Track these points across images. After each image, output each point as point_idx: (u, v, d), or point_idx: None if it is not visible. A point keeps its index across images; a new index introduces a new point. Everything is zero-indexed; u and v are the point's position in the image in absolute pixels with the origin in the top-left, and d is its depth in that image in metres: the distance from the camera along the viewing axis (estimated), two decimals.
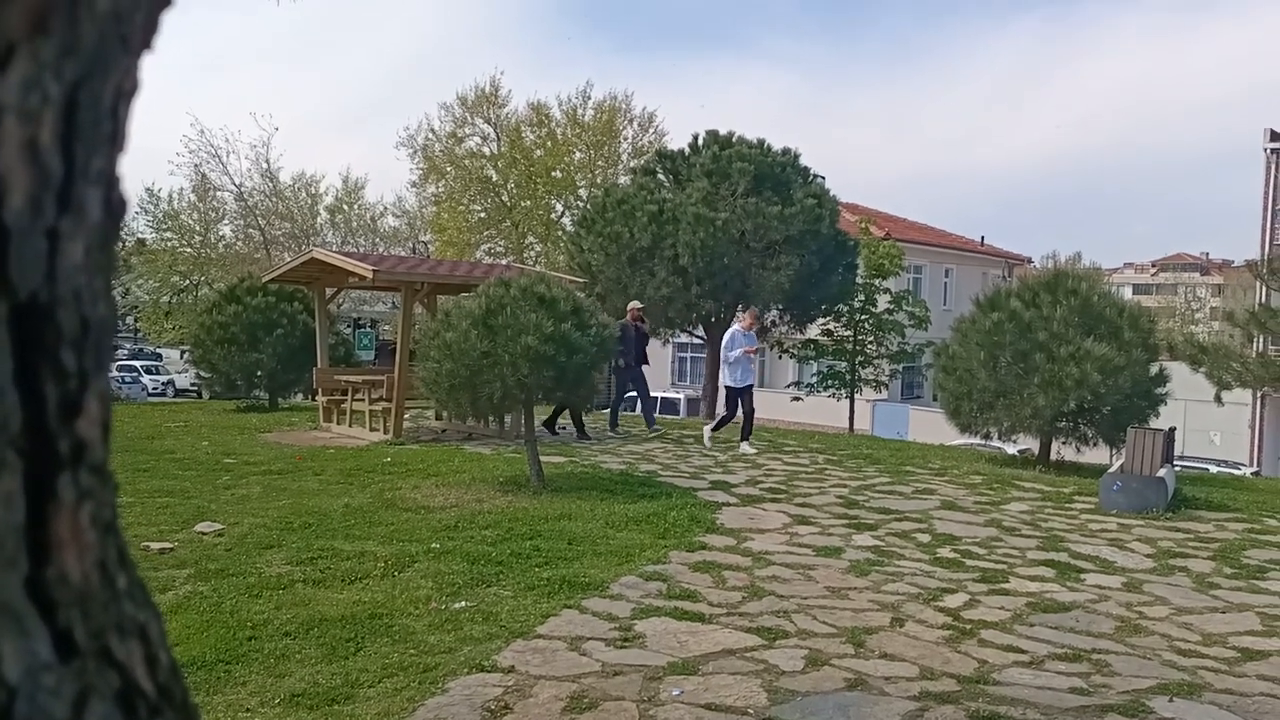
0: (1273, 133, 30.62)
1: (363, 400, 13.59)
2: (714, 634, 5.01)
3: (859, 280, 24.55)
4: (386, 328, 40.38)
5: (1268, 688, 4.56)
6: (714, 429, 12.87)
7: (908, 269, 32.29)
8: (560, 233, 44.21)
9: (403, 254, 38.71)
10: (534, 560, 6.28)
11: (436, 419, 14.34)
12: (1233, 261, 75.54)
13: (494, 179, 47.16)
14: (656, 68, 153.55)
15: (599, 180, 44.01)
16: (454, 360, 8.58)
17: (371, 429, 13.25)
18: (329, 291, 15.32)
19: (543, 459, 9.48)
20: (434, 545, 6.62)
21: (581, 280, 18.42)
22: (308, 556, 6.29)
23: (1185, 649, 5.10)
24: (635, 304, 14.64)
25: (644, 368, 14.49)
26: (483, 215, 47.35)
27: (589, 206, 26.67)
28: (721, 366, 12.89)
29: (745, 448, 12.21)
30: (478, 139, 47.49)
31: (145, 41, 0.69)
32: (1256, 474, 24.04)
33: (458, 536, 6.91)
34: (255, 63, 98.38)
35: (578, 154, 46.91)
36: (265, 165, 42.06)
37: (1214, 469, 19.72)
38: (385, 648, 4.67)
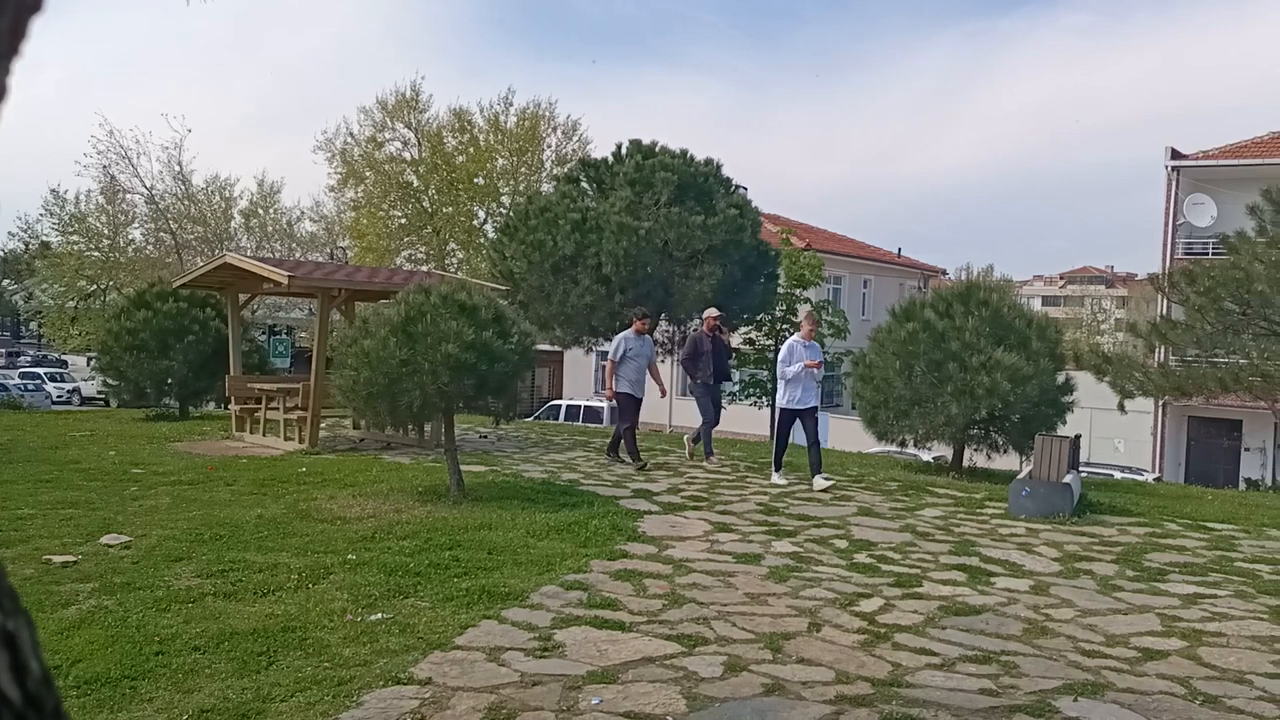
0: (1174, 152, 31.87)
1: (277, 409, 13.30)
2: (634, 642, 5.02)
3: (780, 290, 24.85)
4: (303, 334, 39.62)
5: (1167, 686, 4.73)
6: (777, 463, 10.89)
7: (828, 279, 32.86)
8: (482, 240, 43.93)
9: (320, 260, 37.97)
10: (453, 571, 6.21)
11: (354, 428, 14.11)
12: (1136, 275, 78.48)
13: (415, 184, 46.63)
14: (580, 76, 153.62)
15: (522, 187, 43.86)
16: (372, 368, 8.46)
17: (286, 438, 12.98)
18: (243, 297, 15.00)
19: (463, 468, 9.40)
20: (350, 556, 6.50)
21: (503, 288, 18.34)
22: (218, 569, 6.13)
23: (1089, 650, 5.27)
24: (712, 311, 12.83)
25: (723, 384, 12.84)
26: (403, 221, 46.77)
27: (511, 214, 26.51)
28: (778, 385, 10.98)
29: (820, 482, 10.27)
30: (398, 144, 46.87)
31: (13, 47, 0.68)
32: (1158, 480, 24.95)
33: (375, 547, 6.81)
34: (166, 64, 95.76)
35: (500, 161, 46.66)
36: (177, 168, 40.94)
37: (1118, 475, 20.43)
38: (298, 661, 4.57)
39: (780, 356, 10.94)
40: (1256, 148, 31.18)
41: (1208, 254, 26.45)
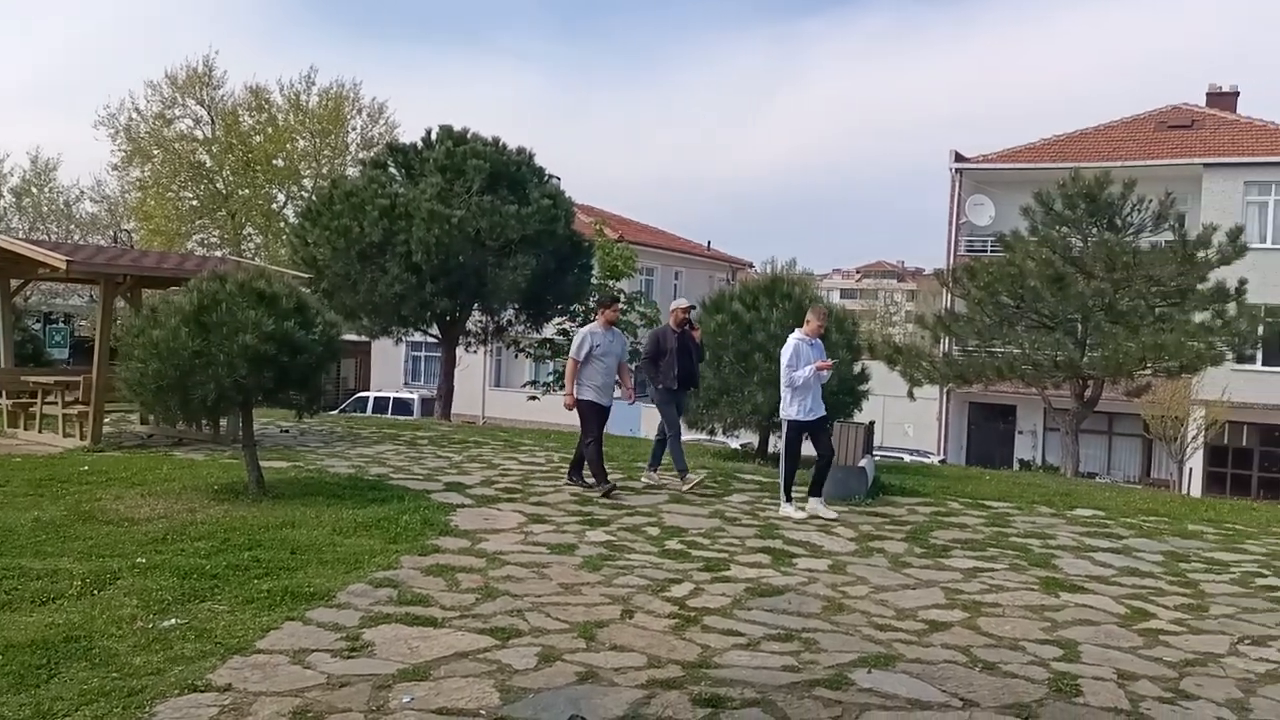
0: (957, 154, 34.12)
1: (55, 403, 12.34)
2: (446, 637, 4.95)
3: (594, 281, 25.04)
4: (83, 323, 36.80)
5: (950, 655, 5.09)
6: (787, 492, 8.94)
7: (640, 271, 33.39)
8: (283, 224, 42.11)
9: (102, 243, 35.35)
10: (253, 572, 5.94)
11: (142, 423, 13.26)
12: (924, 270, 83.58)
13: (208, 164, 44.21)
14: (387, 57, 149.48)
15: (325, 171, 42.33)
16: (162, 360, 7.96)
17: (65, 435, 12.05)
18: (14, 283, 13.82)
19: (263, 464, 9.00)
20: (139, 560, 6.11)
21: (306, 276, 17.61)
22: None
23: (882, 624, 5.59)
24: (681, 302, 10.45)
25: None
26: (195, 203, 44.29)
27: (314, 198, 25.54)
28: (783, 393, 8.92)
29: (816, 506, 8.80)
30: (189, 121, 44.35)
31: None
32: (943, 461, 26.75)
33: (166, 550, 6.42)
34: None
35: (301, 142, 44.88)
36: None
37: (907, 458, 21.73)
38: (84, 673, 4.26)
39: (784, 359, 8.85)
40: (1030, 152, 33.81)
41: (987, 251, 28.46)
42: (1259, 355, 26.64)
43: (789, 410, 8.87)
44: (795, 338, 8.94)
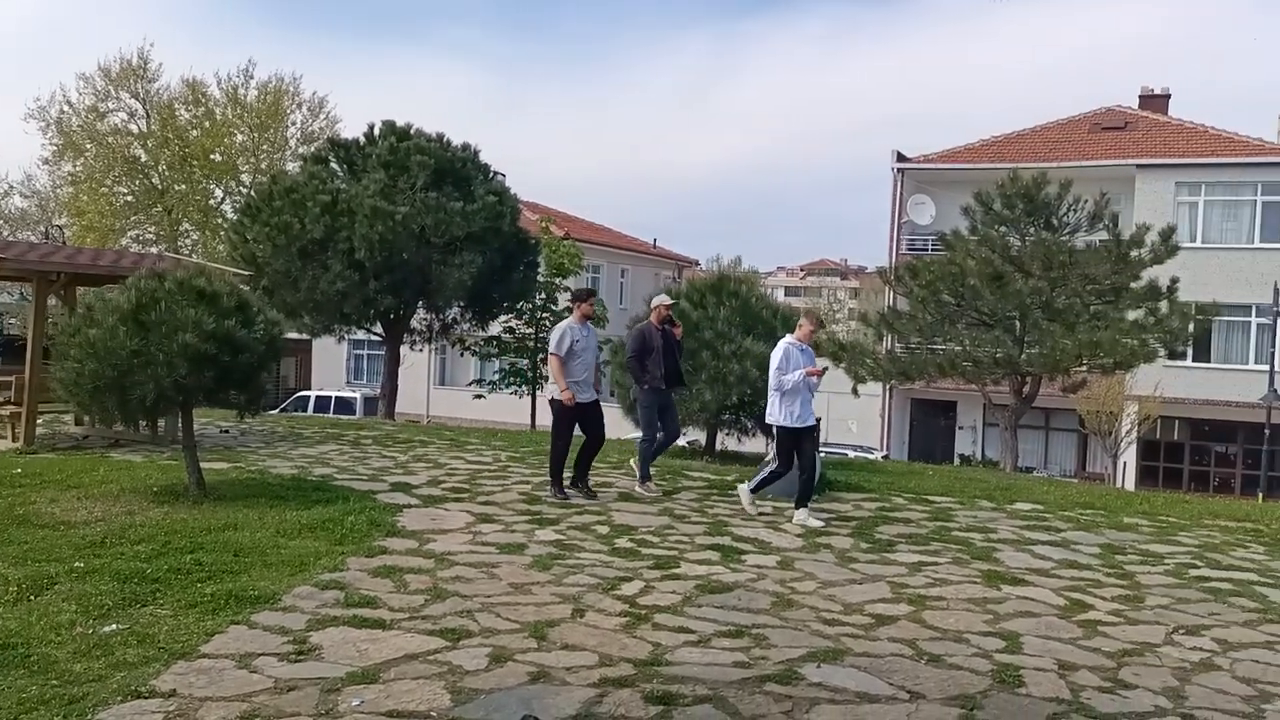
0: (899, 155, 34.58)
1: None
2: (395, 639, 4.91)
3: (540, 278, 24.95)
4: (14, 321, 35.75)
5: (897, 648, 5.17)
6: (755, 487, 8.90)
7: (586, 268, 33.31)
8: (221, 221, 41.35)
9: (33, 239, 34.39)
10: (196, 575, 5.83)
11: (77, 424, 12.93)
12: (866, 268, 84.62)
13: (143, 159, 43.25)
14: (328, 51, 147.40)
15: (265, 166, 41.66)
16: (99, 360, 7.77)
17: None
18: None
19: (204, 465, 8.84)
20: (77, 564, 5.97)
21: (246, 273, 17.32)
22: None
23: (830, 619, 5.66)
24: (663, 299, 10.01)
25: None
26: (129, 199, 43.31)
27: (254, 194, 25.14)
28: (770, 397, 8.81)
29: (802, 517, 8.43)
30: (123, 115, 43.37)
31: None
32: (885, 457, 27.09)
33: (105, 553, 6.27)
34: None
35: (240, 136, 44.12)
36: None
37: (851, 454, 21.97)
38: (21, 681, 4.15)
39: (774, 362, 8.72)
40: (969, 153, 34.39)
41: (928, 250, 28.90)
42: (1189, 352, 27.39)
43: (777, 416, 8.69)
44: (786, 342, 8.83)
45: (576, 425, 9.35)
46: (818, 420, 9.04)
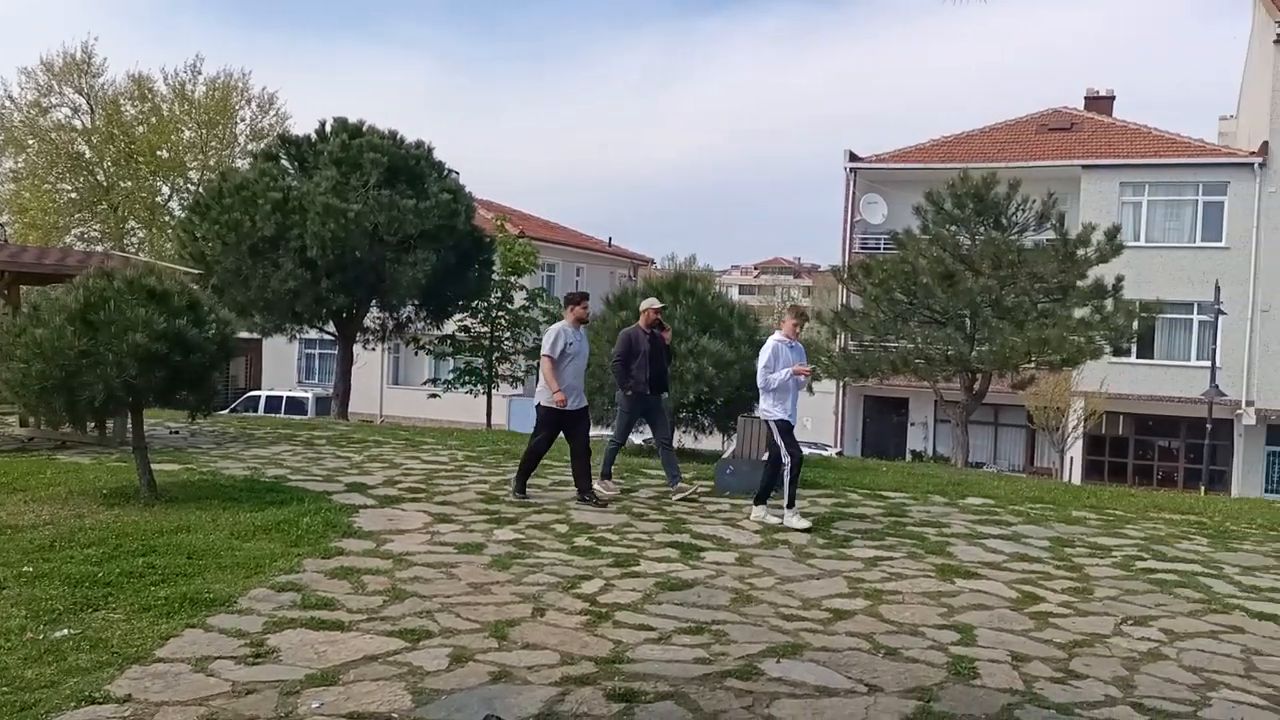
0: (851, 154, 34.90)
1: None
2: (354, 641, 4.88)
3: (495, 277, 24.83)
4: None
5: (855, 643, 5.23)
6: (759, 499, 8.62)
7: (542, 267, 33.20)
8: (168, 218, 40.64)
9: None
10: (149, 578, 5.74)
11: (22, 425, 12.63)
12: (820, 267, 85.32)
13: (87, 155, 42.37)
14: (278, 46, 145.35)
15: (213, 163, 41.04)
16: (46, 360, 7.61)
17: None
18: None
19: (154, 467, 8.69)
20: (26, 569, 5.85)
21: (196, 271, 17.06)
22: None
23: (789, 614, 5.71)
24: (653, 301, 9.85)
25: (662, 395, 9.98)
26: (74, 195, 42.45)
27: (203, 191, 24.72)
28: (762, 395, 8.69)
29: (791, 519, 8.25)
30: (67, 110, 42.49)
31: None
32: (840, 454, 27.37)
33: (54, 557, 6.15)
34: None
35: (187, 133, 43.42)
36: None
37: (806, 451, 22.12)
38: None
39: (762, 360, 8.60)
40: (920, 153, 34.80)
41: (881, 249, 29.20)
42: (1134, 349, 28.00)
43: (773, 411, 8.54)
44: (775, 339, 8.68)
45: (561, 432, 9.08)
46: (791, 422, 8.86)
